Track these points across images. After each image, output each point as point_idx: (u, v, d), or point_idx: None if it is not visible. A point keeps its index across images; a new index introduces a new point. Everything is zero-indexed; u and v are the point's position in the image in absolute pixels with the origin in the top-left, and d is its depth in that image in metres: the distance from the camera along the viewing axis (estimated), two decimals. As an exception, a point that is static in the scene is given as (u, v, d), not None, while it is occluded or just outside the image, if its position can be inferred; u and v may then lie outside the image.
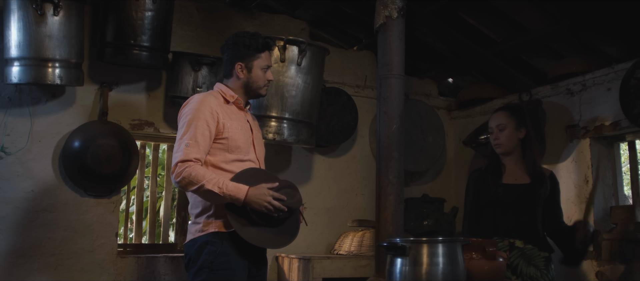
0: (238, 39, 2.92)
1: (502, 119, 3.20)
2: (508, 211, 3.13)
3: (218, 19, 4.34)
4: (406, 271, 2.35)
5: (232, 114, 2.88)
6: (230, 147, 2.81)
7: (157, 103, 4.09)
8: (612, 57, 4.04)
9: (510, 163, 3.21)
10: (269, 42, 2.96)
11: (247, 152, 2.87)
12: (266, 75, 2.95)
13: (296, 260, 4.07)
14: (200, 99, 2.81)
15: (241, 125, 2.88)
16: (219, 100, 2.87)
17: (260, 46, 2.91)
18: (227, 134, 2.80)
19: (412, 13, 4.00)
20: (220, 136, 2.80)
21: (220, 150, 2.80)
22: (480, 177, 3.27)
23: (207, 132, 2.75)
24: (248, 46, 2.90)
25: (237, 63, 2.90)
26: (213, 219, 2.77)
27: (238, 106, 2.94)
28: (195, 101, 2.81)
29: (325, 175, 4.61)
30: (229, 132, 2.81)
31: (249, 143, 2.91)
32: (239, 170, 2.81)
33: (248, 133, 2.91)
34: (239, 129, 2.85)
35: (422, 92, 5.07)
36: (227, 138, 2.80)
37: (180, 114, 2.85)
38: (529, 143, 3.20)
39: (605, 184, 3.92)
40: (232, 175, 2.77)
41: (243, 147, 2.85)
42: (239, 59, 2.90)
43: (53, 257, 3.70)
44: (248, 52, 2.90)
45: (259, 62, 2.92)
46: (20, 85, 3.63)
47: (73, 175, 3.75)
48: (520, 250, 3.03)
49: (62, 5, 3.43)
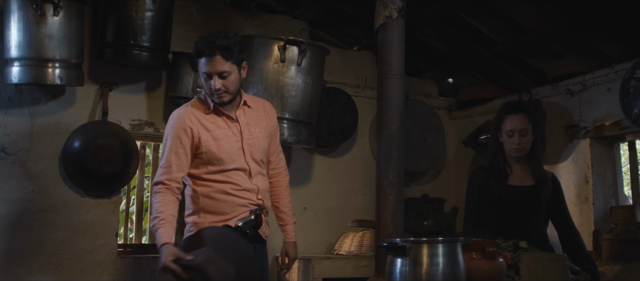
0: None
1: (525, 124, 3.11)
2: (512, 212, 3.12)
3: (218, 19, 4.34)
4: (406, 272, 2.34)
5: (211, 124, 2.76)
6: (211, 160, 2.74)
7: (157, 104, 4.09)
8: (612, 57, 4.04)
9: (517, 165, 3.19)
10: (200, 49, 2.68)
11: (231, 161, 2.76)
12: (208, 83, 2.70)
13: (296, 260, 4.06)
14: (175, 116, 2.76)
15: (221, 133, 2.76)
16: (198, 112, 2.76)
17: (196, 54, 2.71)
18: (204, 148, 2.72)
19: (412, 13, 4.00)
20: (198, 151, 2.73)
21: (201, 164, 2.75)
22: (483, 177, 3.24)
23: (181, 150, 2.70)
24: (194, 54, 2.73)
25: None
26: (199, 219, 2.76)
27: (220, 113, 2.79)
28: (171, 119, 2.77)
29: (325, 175, 4.61)
30: (206, 145, 2.72)
31: (234, 150, 2.77)
32: (223, 179, 2.75)
33: (232, 139, 2.77)
34: (217, 140, 2.74)
35: (422, 92, 5.07)
36: (206, 152, 2.73)
37: None
38: (536, 145, 3.18)
39: (605, 184, 3.92)
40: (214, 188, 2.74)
41: (225, 157, 2.74)
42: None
43: (53, 257, 3.70)
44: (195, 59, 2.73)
45: (199, 69, 2.73)
46: (20, 86, 3.63)
47: (73, 175, 3.75)
48: (524, 251, 3.03)
49: (62, 5, 3.43)
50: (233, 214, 2.76)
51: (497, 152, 3.21)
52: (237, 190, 2.76)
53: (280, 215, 3.06)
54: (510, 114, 3.15)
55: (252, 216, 2.77)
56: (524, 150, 3.14)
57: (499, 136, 3.20)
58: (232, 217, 2.75)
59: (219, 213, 2.75)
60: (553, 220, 3.22)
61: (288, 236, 3.05)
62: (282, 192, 3.05)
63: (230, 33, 2.73)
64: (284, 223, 3.05)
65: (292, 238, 3.05)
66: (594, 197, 3.87)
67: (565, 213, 3.21)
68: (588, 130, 3.92)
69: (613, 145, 3.98)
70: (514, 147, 3.12)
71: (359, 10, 4.55)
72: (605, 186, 3.92)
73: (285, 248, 3.05)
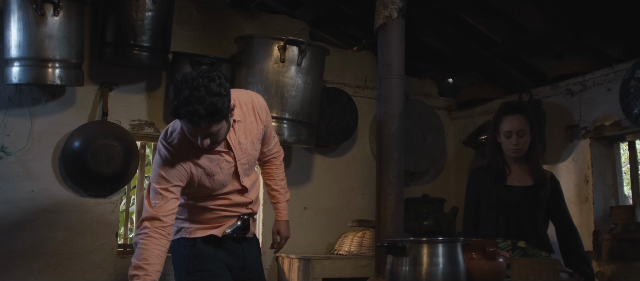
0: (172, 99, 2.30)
1: (523, 124, 3.11)
2: (511, 212, 3.12)
3: (218, 19, 4.34)
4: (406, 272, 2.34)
5: (203, 159, 2.52)
6: (201, 191, 2.59)
7: (157, 104, 4.09)
8: (612, 57, 4.04)
9: (515, 166, 3.20)
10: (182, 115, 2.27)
11: (223, 188, 2.61)
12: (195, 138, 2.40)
13: (296, 260, 4.07)
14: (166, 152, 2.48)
15: (216, 167, 2.55)
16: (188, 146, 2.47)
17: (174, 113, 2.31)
18: (196, 184, 2.54)
19: (412, 13, 4.00)
20: (190, 184, 2.53)
21: (190, 192, 2.59)
22: (482, 177, 3.24)
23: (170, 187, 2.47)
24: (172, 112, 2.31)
25: None
26: (188, 224, 2.70)
27: None
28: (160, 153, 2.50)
29: (325, 175, 4.61)
30: (199, 181, 2.53)
31: (228, 177, 2.60)
32: (215, 202, 2.64)
33: (226, 167, 2.57)
34: (210, 175, 2.54)
35: (422, 92, 5.07)
36: (197, 186, 2.55)
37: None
38: (534, 145, 3.18)
39: (605, 184, 3.92)
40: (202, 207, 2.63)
41: (218, 188, 2.59)
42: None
43: (53, 257, 3.70)
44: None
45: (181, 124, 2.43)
46: (20, 86, 3.63)
47: (73, 175, 3.75)
48: (523, 250, 3.03)
49: (62, 5, 3.43)
50: (222, 224, 2.70)
51: (495, 153, 3.21)
52: (228, 206, 2.69)
53: (272, 193, 2.95)
54: (508, 115, 3.14)
55: (239, 222, 2.71)
56: (522, 151, 3.14)
57: (497, 136, 3.20)
58: (220, 226, 2.69)
59: (207, 223, 2.68)
60: (552, 219, 3.22)
61: (280, 214, 2.94)
62: (275, 170, 2.92)
63: (214, 84, 2.26)
64: (276, 201, 2.94)
65: (284, 217, 2.94)
66: (594, 196, 3.87)
67: (565, 213, 3.22)
68: (588, 130, 3.92)
69: (613, 145, 3.98)
70: (512, 148, 3.12)
71: (359, 10, 4.55)
72: (605, 186, 3.92)
73: (277, 226, 2.94)
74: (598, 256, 3.70)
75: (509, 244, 3.03)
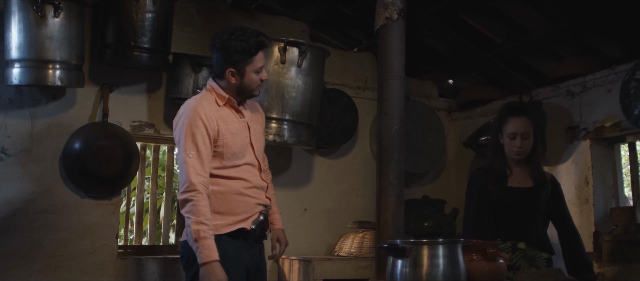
0: (229, 43, 2.70)
1: (527, 127, 3.11)
2: (511, 214, 3.12)
3: (218, 20, 4.34)
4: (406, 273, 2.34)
5: (225, 117, 2.77)
6: (226, 154, 2.75)
7: (158, 105, 4.09)
8: (613, 58, 4.04)
9: (516, 167, 3.19)
10: (263, 41, 2.75)
11: (242, 156, 2.79)
12: (260, 75, 2.80)
13: (296, 261, 4.07)
14: (193, 106, 2.71)
15: (236, 127, 2.79)
16: (211, 104, 2.75)
17: (252, 49, 2.72)
18: (221, 141, 2.72)
19: (412, 14, 4.00)
20: (215, 143, 2.72)
21: (215, 158, 2.74)
22: (483, 178, 3.24)
23: (206, 138, 2.68)
24: (240, 51, 2.70)
25: (228, 68, 2.74)
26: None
27: (231, 106, 2.82)
28: (190, 108, 2.71)
29: (325, 176, 4.61)
30: (224, 138, 2.72)
31: (245, 145, 2.81)
32: (235, 175, 2.76)
33: (244, 134, 2.81)
34: (233, 133, 2.76)
35: (423, 94, 5.07)
36: (222, 145, 2.73)
37: (176, 123, 2.75)
38: (536, 147, 3.18)
39: (605, 185, 3.91)
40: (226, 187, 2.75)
41: (239, 151, 2.77)
42: (229, 64, 2.73)
43: (53, 259, 3.70)
44: (240, 57, 2.72)
45: (252, 66, 2.75)
46: (20, 87, 3.63)
47: (73, 176, 3.75)
48: (523, 252, 3.03)
49: (63, 6, 3.43)
50: (246, 215, 2.79)
51: (497, 153, 3.21)
52: (249, 188, 2.80)
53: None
54: (513, 116, 3.14)
55: (261, 217, 2.84)
56: (525, 153, 3.14)
57: (500, 137, 3.19)
58: (244, 218, 2.78)
59: (232, 213, 2.76)
60: (554, 222, 3.22)
61: (277, 223, 3.06)
62: (269, 183, 3.05)
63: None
64: (273, 212, 3.04)
65: (281, 226, 3.07)
66: (594, 198, 3.87)
67: (566, 215, 3.21)
68: (588, 132, 3.92)
69: (613, 146, 3.98)
70: (516, 150, 3.12)
71: (359, 11, 4.55)
72: (606, 187, 3.92)
73: (276, 234, 3.04)
74: (598, 258, 3.69)
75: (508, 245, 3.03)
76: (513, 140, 3.12)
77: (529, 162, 3.18)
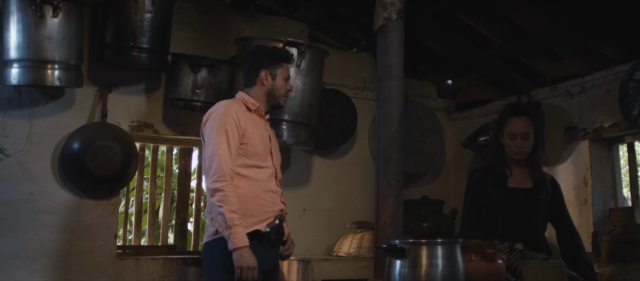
0: (262, 49, 3.14)
1: (528, 127, 3.13)
2: (509, 214, 3.12)
3: (217, 20, 4.34)
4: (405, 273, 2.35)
5: (253, 122, 3.03)
6: (249, 152, 2.95)
7: (157, 105, 4.09)
8: (611, 58, 4.04)
9: (517, 168, 3.19)
10: (290, 56, 3.25)
11: (264, 159, 3.02)
12: (286, 85, 3.15)
13: (295, 261, 4.07)
14: (225, 105, 2.97)
15: (260, 132, 3.03)
16: (241, 108, 3.02)
17: (283, 56, 3.15)
18: (247, 139, 2.95)
19: (411, 15, 4.00)
20: (242, 141, 2.94)
21: (239, 155, 2.93)
22: (482, 178, 3.24)
23: (236, 135, 2.91)
24: (272, 55, 3.11)
25: (262, 70, 3.07)
26: None
27: (259, 114, 3.10)
28: (222, 107, 2.97)
29: (324, 176, 4.61)
30: (250, 137, 2.95)
31: (267, 151, 3.05)
32: (256, 176, 2.95)
33: (266, 141, 3.06)
34: (258, 136, 2.99)
35: (421, 94, 5.07)
36: (247, 144, 2.95)
37: (208, 119, 2.98)
38: (536, 147, 3.18)
39: (604, 186, 3.92)
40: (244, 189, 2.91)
41: (261, 153, 3.00)
42: (263, 66, 3.08)
43: (52, 259, 3.70)
44: (272, 60, 3.10)
45: (282, 71, 3.12)
46: (19, 87, 3.63)
47: (72, 176, 3.75)
48: (520, 252, 3.03)
49: (62, 7, 3.43)
50: (261, 217, 2.95)
51: (497, 153, 3.21)
52: (265, 192, 2.97)
53: None
54: (513, 117, 3.15)
55: (277, 221, 2.99)
56: (525, 153, 3.15)
57: (500, 137, 3.20)
58: (260, 221, 2.94)
59: (247, 215, 2.90)
60: (553, 223, 3.22)
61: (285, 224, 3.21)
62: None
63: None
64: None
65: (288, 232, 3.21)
66: (593, 198, 3.87)
67: (565, 216, 3.22)
68: (587, 132, 3.92)
69: (612, 146, 3.98)
70: (516, 150, 3.12)
71: (358, 11, 4.55)
72: (604, 188, 3.92)
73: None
74: (597, 258, 3.69)
75: (506, 246, 3.03)
76: (513, 140, 3.13)
77: (530, 163, 3.18)
